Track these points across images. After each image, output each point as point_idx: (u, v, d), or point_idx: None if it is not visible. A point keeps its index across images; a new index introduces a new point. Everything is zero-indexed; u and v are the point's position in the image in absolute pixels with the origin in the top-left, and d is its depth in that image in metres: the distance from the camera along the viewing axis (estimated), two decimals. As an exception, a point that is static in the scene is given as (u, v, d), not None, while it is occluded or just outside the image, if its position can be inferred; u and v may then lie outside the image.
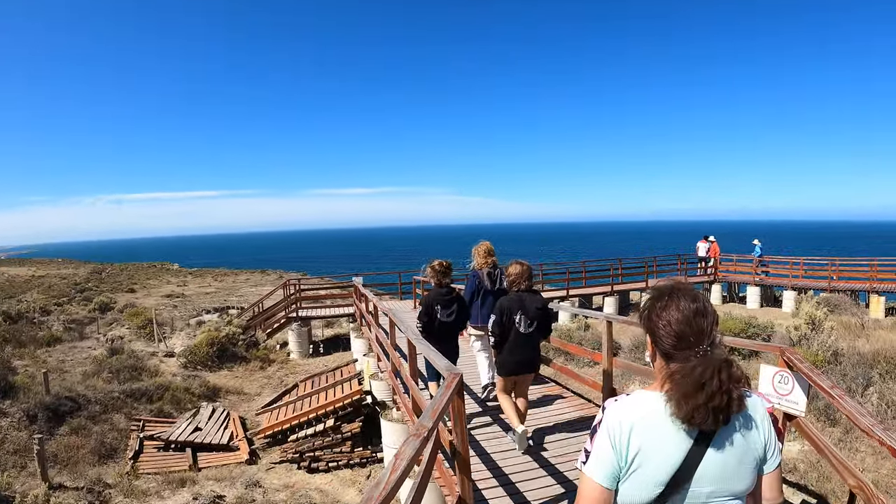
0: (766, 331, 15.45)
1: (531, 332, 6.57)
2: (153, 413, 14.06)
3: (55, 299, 48.13)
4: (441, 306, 7.61)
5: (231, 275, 69.10)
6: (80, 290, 57.40)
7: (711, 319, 2.04)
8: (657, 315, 2.08)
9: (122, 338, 25.64)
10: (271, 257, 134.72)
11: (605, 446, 1.98)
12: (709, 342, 1.99)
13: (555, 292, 25.73)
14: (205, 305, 39.11)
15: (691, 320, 2.01)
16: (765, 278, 27.98)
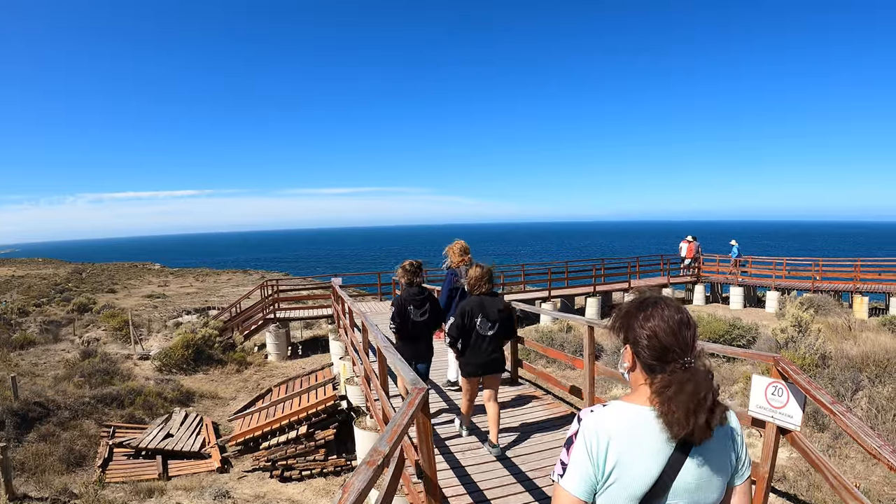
0: (751, 332, 15.25)
1: (492, 334, 6.63)
2: (124, 419, 13.67)
3: (34, 300, 47.53)
4: (414, 306, 7.58)
5: (213, 275, 68.70)
6: (59, 291, 56.68)
7: (694, 331, 2.02)
8: (640, 325, 2.03)
9: (98, 340, 25.20)
10: (254, 257, 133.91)
11: (582, 458, 1.94)
12: (692, 354, 1.97)
13: (536, 292, 25.49)
14: (185, 306, 38.69)
15: (677, 332, 1.98)
16: (748, 279, 27.88)
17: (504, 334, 6.82)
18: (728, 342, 14.76)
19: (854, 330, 15.87)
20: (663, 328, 1.98)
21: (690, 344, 1.98)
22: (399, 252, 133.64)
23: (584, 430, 1.96)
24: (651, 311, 2.03)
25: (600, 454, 1.91)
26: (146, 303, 46.75)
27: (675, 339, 1.97)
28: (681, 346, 1.96)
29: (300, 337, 23.67)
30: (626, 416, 1.97)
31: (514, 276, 28.30)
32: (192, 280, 61.05)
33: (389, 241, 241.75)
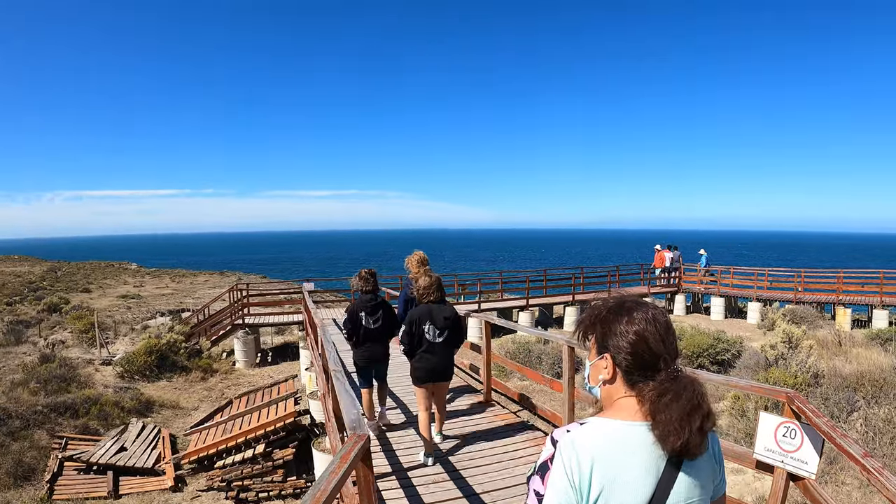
0: (735, 346, 14.76)
1: (441, 341, 6.73)
2: (78, 430, 12.99)
3: (6, 298, 46.61)
4: (366, 313, 7.69)
5: (189, 276, 68.21)
6: (33, 290, 55.70)
7: (676, 335, 1.86)
8: (623, 330, 1.79)
9: (64, 342, 24.46)
10: (232, 259, 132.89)
11: (563, 485, 1.68)
12: (677, 361, 1.80)
13: (514, 301, 24.91)
14: (160, 307, 38.12)
15: (666, 337, 1.78)
16: (729, 289, 27.45)
17: (453, 342, 6.88)
18: (712, 357, 14.32)
19: (845, 345, 15.41)
20: (652, 333, 1.77)
21: (675, 350, 1.80)
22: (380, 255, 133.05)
23: (561, 452, 1.70)
24: (635, 315, 1.80)
25: (583, 479, 1.67)
26: (120, 303, 45.97)
27: (664, 345, 1.77)
28: (670, 352, 1.78)
29: (271, 343, 23.01)
30: (610, 434, 1.72)
31: (491, 283, 27.75)
32: (168, 281, 60.51)
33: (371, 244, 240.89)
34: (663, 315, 1.83)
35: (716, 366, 14.25)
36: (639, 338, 1.76)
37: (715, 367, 14.21)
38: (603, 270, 30.12)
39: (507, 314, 24.22)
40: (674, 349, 1.79)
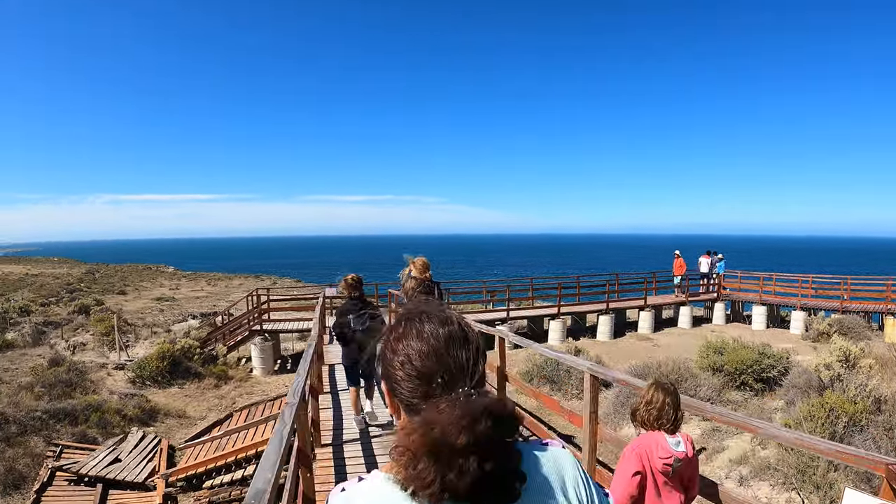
0: (782, 362, 13.46)
1: None
2: (75, 437, 12.36)
3: (43, 299, 46.92)
4: (354, 316, 7.98)
5: (225, 279, 68.57)
6: (69, 291, 56.21)
7: (475, 351, 1.41)
8: (392, 349, 1.43)
9: (85, 344, 24.11)
10: (268, 263, 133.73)
11: None
12: (472, 382, 1.36)
13: (545, 308, 23.85)
14: (192, 310, 37.98)
15: (442, 351, 1.38)
16: (772, 297, 25.99)
17: None
18: (757, 374, 13.12)
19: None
20: (418, 349, 1.38)
21: (467, 367, 1.37)
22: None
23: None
24: (405, 329, 1.44)
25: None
26: (153, 305, 46.05)
27: (437, 361, 1.36)
28: (448, 370, 1.35)
29: (292, 349, 22.27)
30: (382, 496, 1.28)
31: (522, 290, 26.64)
32: (203, 284, 60.83)
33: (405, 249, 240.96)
34: (446, 324, 1.44)
35: (760, 383, 13.07)
36: (405, 357, 1.41)
37: (760, 384, 13.04)
38: (640, 277, 28.74)
39: (538, 322, 23.19)
40: (458, 365, 1.38)
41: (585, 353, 15.57)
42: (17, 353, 20.23)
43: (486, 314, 22.88)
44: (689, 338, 22.27)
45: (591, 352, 17.02)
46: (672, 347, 20.27)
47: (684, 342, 21.22)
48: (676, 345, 20.81)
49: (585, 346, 19.44)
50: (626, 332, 23.38)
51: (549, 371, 14.18)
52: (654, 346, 20.55)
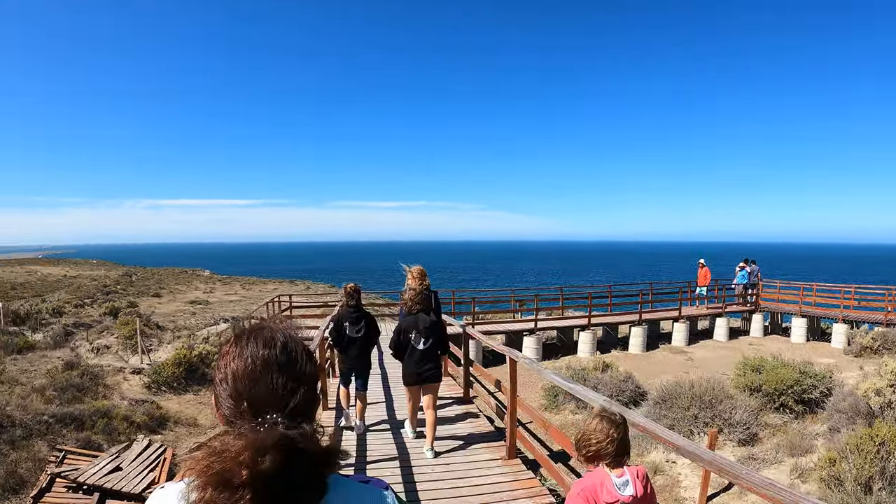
0: (824, 382, 12.52)
1: (427, 347, 7.45)
2: (80, 443, 11.94)
3: (78, 300, 47.42)
4: (350, 323, 8.43)
5: (259, 283, 69.03)
6: (105, 293, 56.84)
7: (295, 376, 1.39)
8: (218, 365, 1.45)
9: (109, 347, 23.92)
10: (303, 268, 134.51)
11: None
12: (285, 410, 1.34)
13: (575, 319, 23.02)
14: (224, 314, 37.96)
15: (257, 375, 1.37)
16: (812, 308, 24.82)
17: (436, 348, 7.61)
18: (797, 395, 12.20)
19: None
20: (235, 369, 1.39)
21: (281, 394, 1.35)
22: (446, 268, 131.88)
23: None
24: (231, 347, 1.44)
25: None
26: (186, 309, 46.24)
27: (251, 384, 1.36)
28: (259, 395, 1.35)
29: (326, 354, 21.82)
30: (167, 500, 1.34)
31: (551, 299, 25.85)
32: (238, 288, 61.17)
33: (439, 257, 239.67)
34: (269, 346, 1.40)
35: (801, 405, 12.16)
36: (224, 375, 1.40)
37: (800, 406, 12.13)
38: (674, 286, 27.69)
39: (567, 333, 22.43)
40: (271, 392, 1.35)
41: (614, 368, 14.80)
42: (37, 354, 20.06)
43: (514, 324, 22.22)
44: (725, 351, 21.37)
45: (621, 367, 16.22)
46: (707, 362, 19.40)
47: (720, 356, 20.34)
48: (712, 359, 19.93)
49: (616, 359, 18.65)
50: (659, 345, 22.49)
51: (577, 382, 13.54)
52: (689, 361, 19.68)
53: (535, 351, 19.93)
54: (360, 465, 7.24)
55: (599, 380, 13.55)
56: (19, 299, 51.53)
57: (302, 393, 1.38)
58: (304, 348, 1.48)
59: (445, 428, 8.49)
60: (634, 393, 13.21)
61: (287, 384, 1.37)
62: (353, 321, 8.46)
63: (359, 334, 8.45)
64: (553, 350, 21.17)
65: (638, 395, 13.27)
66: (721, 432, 10.30)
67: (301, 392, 1.38)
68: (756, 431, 10.73)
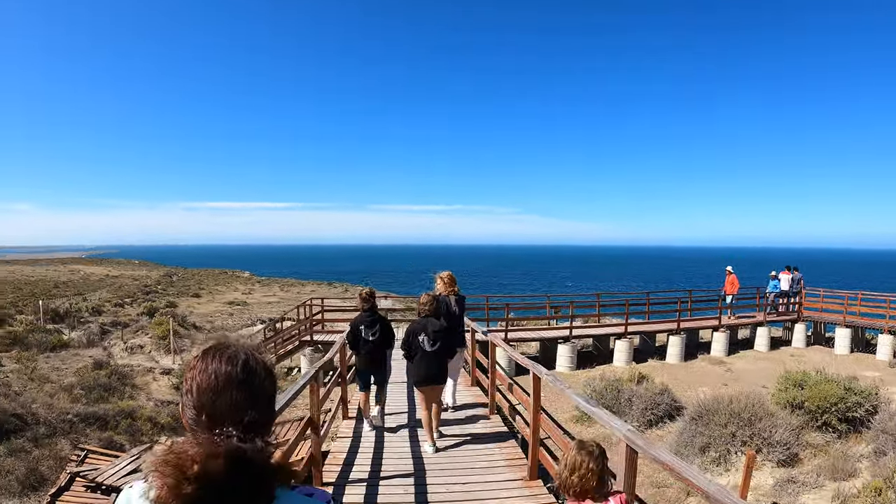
0: (870, 400, 11.76)
1: (435, 350, 7.77)
2: (102, 443, 11.84)
3: (118, 299, 48.05)
4: (365, 326, 8.66)
5: (297, 285, 69.37)
6: (146, 293, 57.59)
7: (253, 393, 1.51)
8: (186, 378, 1.56)
9: (142, 347, 24.06)
10: (342, 270, 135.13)
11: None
12: (239, 426, 1.43)
13: (611, 327, 22.33)
14: (262, 315, 38.21)
15: (218, 389, 1.48)
16: (857, 318, 23.72)
17: (445, 350, 7.96)
18: (842, 413, 11.51)
19: None
20: (199, 382, 1.50)
21: (238, 411, 1.46)
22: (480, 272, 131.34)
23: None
24: (197, 361, 1.56)
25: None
26: (224, 309, 46.60)
27: (212, 398, 1.48)
28: (218, 410, 1.47)
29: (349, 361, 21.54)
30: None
31: (587, 305, 25.22)
32: (276, 289, 61.56)
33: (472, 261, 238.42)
34: (232, 363, 1.52)
35: (845, 424, 11.45)
36: (189, 387, 1.52)
37: (844, 425, 11.43)
38: (713, 294, 26.82)
39: (604, 341, 21.83)
40: (230, 406, 1.46)
41: (650, 380, 14.20)
42: (70, 352, 20.20)
43: (548, 331, 21.70)
44: (766, 363, 20.62)
45: (658, 378, 15.63)
46: (747, 374, 18.72)
47: (761, 368, 19.62)
48: (752, 371, 19.22)
49: (652, 370, 18.07)
50: (697, 355, 21.78)
51: (608, 398, 12.92)
52: (728, 372, 18.99)
53: (570, 360, 19.42)
54: (374, 478, 7.10)
55: (634, 392, 12.96)
56: (61, 297, 52.43)
57: (258, 409, 1.48)
58: (265, 366, 1.58)
59: (468, 448, 8.20)
60: (670, 407, 12.68)
61: (245, 400, 1.48)
62: (368, 324, 8.70)
63: (374, 337, 8.69)
64: (588, 358, 20.61)
65: (673, 408, 12.74)
66: (759, 452, 9.77)
67: (257, 408, 1.48)
68: (796, 452, 10.15)
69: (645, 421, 12.16)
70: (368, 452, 8.06)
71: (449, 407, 9.68)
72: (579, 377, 18.00)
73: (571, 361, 19.41)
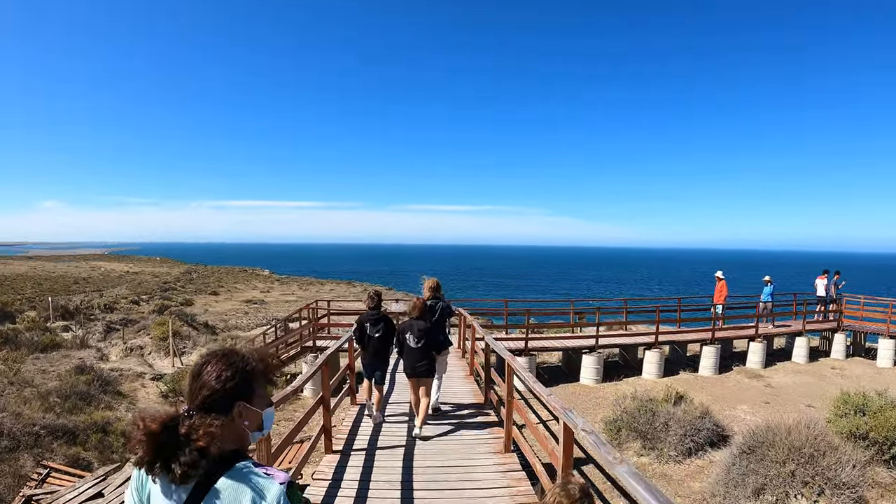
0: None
1: (420, 346, 8.80)
2: (69, 460, 10.54)
3: (135, 296, 47.41)
4: (370, 324, 9.41)
5: (316, 284, 68.95)
6: (164, 290, 57.03)
7: (201, 385, 2.09)
8: None
9: (142, 348, 22.95)
10: (362, 269, 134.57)
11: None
12: (194, 405, 2.07)
13: (640, 336, 20.58)
14: (279, 314, 37.37)
15: (189, 378, 2.15)
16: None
17: (429, 347, 8.84)
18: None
19: None
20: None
21: (191, 393, 2.10)
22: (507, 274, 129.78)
23: None
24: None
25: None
26: (241, 308, 45.82)
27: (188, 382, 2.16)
28: (185, 392, 2.17)
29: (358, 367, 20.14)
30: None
31: (614, 311, 23.59)
32: (295, 288, 61.11)
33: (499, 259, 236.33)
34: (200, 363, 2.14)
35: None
36: None
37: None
38: (751, 301, 24.87)
39: (632, 351, 20.17)
40: (189, 391, 2.11)
41: (688, 400, 12.56)
42: (61, 353, 18.99)
43: (572, 340, 20.10)
44: (807, 377, 18.93)
45: (695, 396, 13.98)
46: (788, 390, 17.06)
47: (802, 383, 17.95)
48: (793, 386, 17.55)
49: (686, 384, 16.49)
50: (732, 367, 20.08)
51: (642, 422, 11.31)
52: (767, 388, 17.30)
53: (596, 371, 17.76)
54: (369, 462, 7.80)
55: (671, 414, 11.24)
56: (80, 293, 51.93)
57: (203, 394, 2.06)
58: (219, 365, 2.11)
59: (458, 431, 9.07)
60: (712, 432, 11.01)
61: (196, 389, 2.08)
62: (373, 322, 9.47)
63: (377, 334, 9.42)
64: (615, 370, 19.00)
65: (716, 434, 11.10)
66: (821, 495, 8.17)
67: (205, 392, 2.06)
68: (863, 493, 8.52)
69: (684, 449, 10.57)
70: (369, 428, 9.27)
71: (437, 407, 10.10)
72: (606, 391, 16.45)
73: (597, 373, 17.76)
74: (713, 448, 10.75)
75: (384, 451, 8.14)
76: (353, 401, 10.92)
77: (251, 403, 2.10)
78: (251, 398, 2.10)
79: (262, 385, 2.16)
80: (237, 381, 2.06)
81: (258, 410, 2.13)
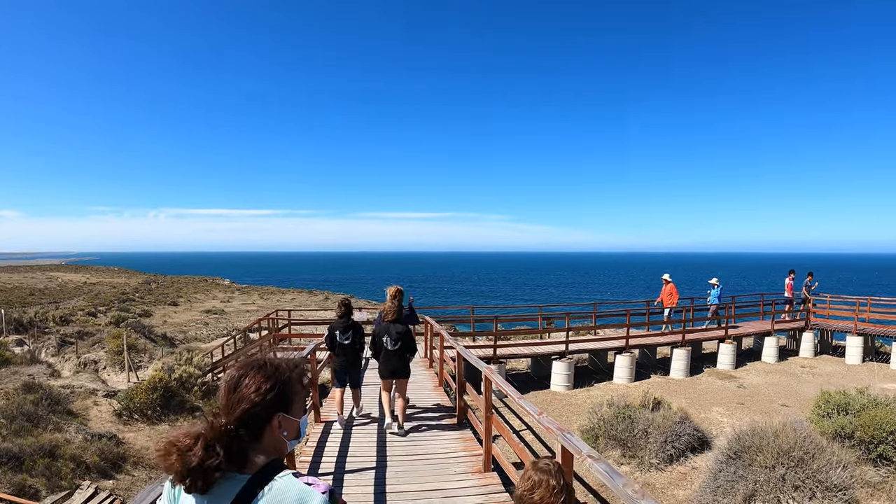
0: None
1: (396, 349, 9.17)
2: (13, 489, 9.76)
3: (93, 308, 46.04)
4: (340, 331, 9.82)
5: (278, 293, 68.23)
6: (122, 301, 55.63)
7: (239, 397, 2.04)
8: None
9: (97, 363, 22.08)
10: (323, 278, 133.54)
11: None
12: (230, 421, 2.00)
13: (610, 341, 20.06)
14: (239, 324, 36.54)
15: (222, 392, 2.11)
16: (868, 325, 21.95)
17: (404, 350, 9.26)
18: None
19: None
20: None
21: (227, 409, 2.03)
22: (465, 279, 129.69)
23: None
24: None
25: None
26: (201, 318, 44.85)
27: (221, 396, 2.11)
28: (221, 406, 2.07)
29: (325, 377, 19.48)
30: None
31: (583, 316, 23.27)
32: (256, 297, 60.38)
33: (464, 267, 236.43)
34: (237, 376, 2.08)
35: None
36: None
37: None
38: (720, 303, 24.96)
39: (602, 356, 19.83)
40: (226, 406, 2.04)
41: (666, 405, 12.22)
42: (10, 370, 18.02)
43: (542, 346, 19.66)
44: (778, 376, 18.85)
45: (672, 400, 13.67)
46: (762, 390, 16.91)
47: (774, 383, 17.86)
48: (766, 386, 17.43)
49: (659, 387, 16.27)
50: (703, 368, 19.91)
51: (620, 429, 10.90)
52: (740, 388, 17.11)
53: (566, 377, 17.26)
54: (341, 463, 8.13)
55: (650, 421, 10.82)
56: (35, 305, 50.34)
57: (242, 408, 2.00)
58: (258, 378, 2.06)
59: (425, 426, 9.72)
60: (693, 438, 10.67)
61: (225, 400, 2.05)
62: (342, 330, 9.83)
63: (347, 341, 9.79)
64: (586, 375, 18.59)
65: (697, 440, 10.76)
66: (813, 498, 7.84)
67: (242, 407, 2.00)
68: (854, 494, 8.24)
69: (665, 456, 10.21)
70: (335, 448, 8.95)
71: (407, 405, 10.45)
72: (578, 397, 16.07)
73: (568, 379, 17.28)
74: (694, 453, 10.42)
75: (353, 475, 7.72)
76: (317, 418, 10.52)
77: (289, 413, 2.08)
78: (289, 408, 2.09)
79: (299, 393, 2.14)
80: (276, 393, 2.05)
81: (296, 419, 2.12)
